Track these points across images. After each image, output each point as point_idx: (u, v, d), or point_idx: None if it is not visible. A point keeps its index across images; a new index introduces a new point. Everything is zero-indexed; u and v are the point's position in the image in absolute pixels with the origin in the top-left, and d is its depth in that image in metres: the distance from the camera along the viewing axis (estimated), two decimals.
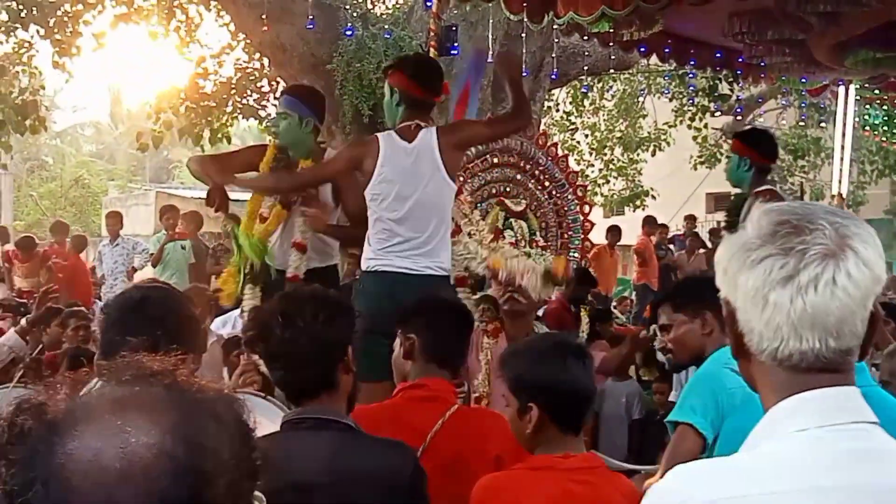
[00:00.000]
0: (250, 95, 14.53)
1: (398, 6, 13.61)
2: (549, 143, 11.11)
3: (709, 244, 15.25)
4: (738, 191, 6.44)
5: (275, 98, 14.51)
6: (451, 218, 5.24)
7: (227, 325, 6.37)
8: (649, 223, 16.32)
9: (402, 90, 5.09)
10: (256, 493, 1.84)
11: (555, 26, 10.71)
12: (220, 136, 14.89)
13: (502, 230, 10.58)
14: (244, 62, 14.84)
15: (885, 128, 15.16)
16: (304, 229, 5.48)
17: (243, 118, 15.09)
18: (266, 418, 2.72)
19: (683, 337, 3.69)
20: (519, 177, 9.18)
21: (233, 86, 14.59)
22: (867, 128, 15.30)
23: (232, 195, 5.62)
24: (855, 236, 1.47)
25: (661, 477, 3.32)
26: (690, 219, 17.85)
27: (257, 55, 14.36)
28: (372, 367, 3.56)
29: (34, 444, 1.04)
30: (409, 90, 5.09)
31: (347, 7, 12.06)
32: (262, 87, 14.41)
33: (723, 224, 6.20)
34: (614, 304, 13.51)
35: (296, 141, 5.61)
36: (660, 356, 7.71)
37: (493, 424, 3.14)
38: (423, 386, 3.37)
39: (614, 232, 14.54)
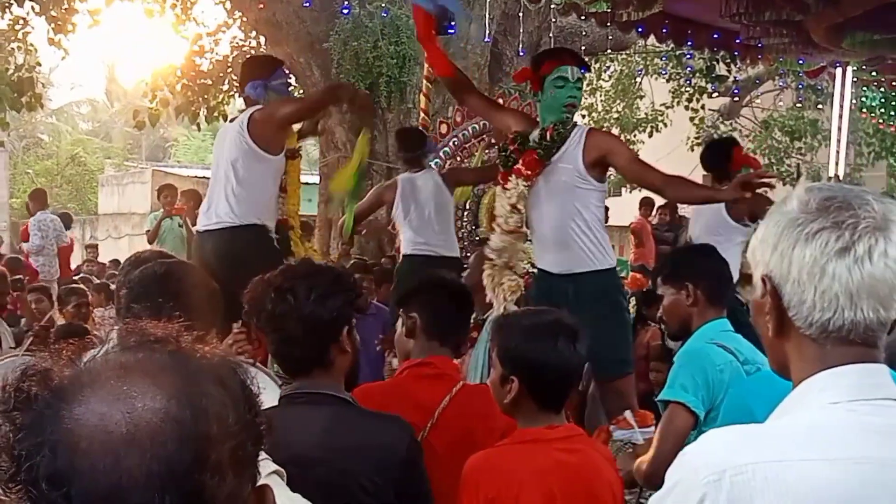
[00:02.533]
0: None
1: None
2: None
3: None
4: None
5: None
6: None
7: None
8: (646, 204, 16.30)
9: None
10: (277, 467, 1.86)
11: (552, 6, 10.70)
12: (216, 114, 14.85)
13: None
14: (240, 40, 14.82)
15: (882, 110, 15.19)
16: None
17: (239, 96, 15.03)
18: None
19: (670, 307, 3.79)
20: None
21: (229, 64, 14.56)
22: (864, 110, 15.32)
23: None
24: (895, 211, 1.54)
25: (654, 454, 3.37)
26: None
27: (253, 33, 14.34)
28: None
29: (41, 410, 1.05)
30: None
31: None
32: None
33: None
34: None
35: None
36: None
37: None
38: (429, 364, 3.38)
39: None
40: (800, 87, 19.06)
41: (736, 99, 21.19)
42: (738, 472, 1.46)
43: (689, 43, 9.04)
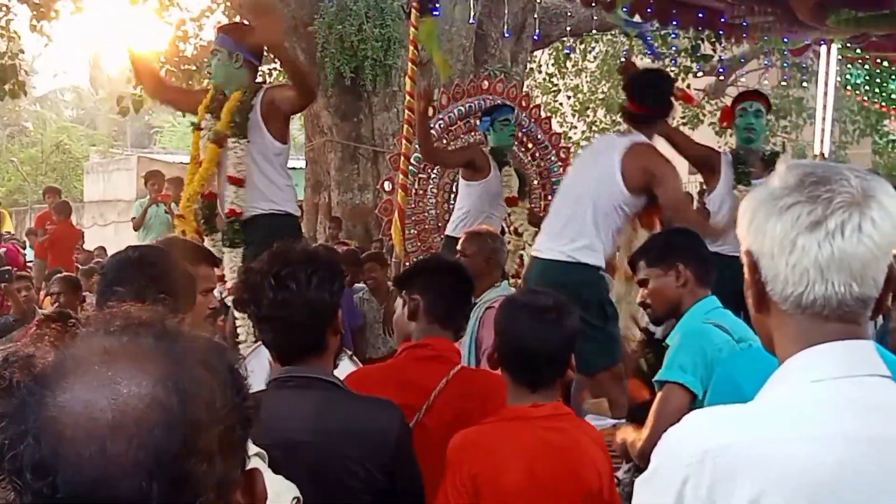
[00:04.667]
0: None
1: None
2: (531, 105, 11.13)
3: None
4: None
5: None
6: None
7: None
8: None
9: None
10: (259, 449, 1.86)
11: None
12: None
13: None
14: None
15: (867, 87, 15.19)
16: (238, 164, 5.55)
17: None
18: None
19: (659, 290, 3.76)
20: None
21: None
22: (849, 87, 15.33)
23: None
24: (877, 188, 1.53)
25: (650, 432, 3.37)
26: None
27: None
28: None
29: (23, 398, 1.03)
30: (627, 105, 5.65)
31: None
32: None
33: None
34: None
35: (227, 76, 5.64)
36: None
37: (496, 384, 3.16)
38: (427, 346, 3.37)
39: None
40: (785, 65, 19.04)
41: (721, 78, 21.17)
42: (721, 452, 1.46)
43: (674, 22, 9.01)
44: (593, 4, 8.61)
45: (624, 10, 8.59)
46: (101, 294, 2.88)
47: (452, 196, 9.51)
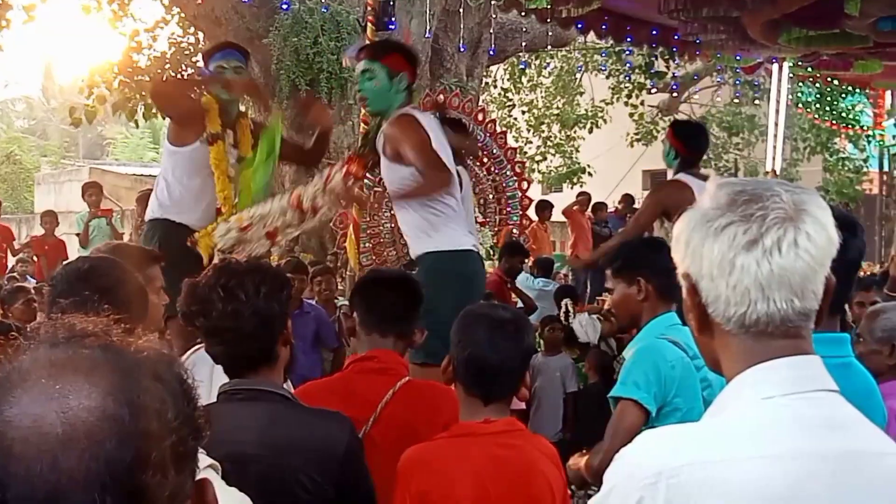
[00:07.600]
0: (185, 70, 14.36)
1: None
2: (487, 120, 11.19)
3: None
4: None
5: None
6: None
7: None
8: (583, 197, 16.44)
9: (408, 76, 4.87)
10: (213, 461, 1.84)
11: (493, 2, 10.72)
12: (154, 111, 14.67)
13: None
14: (179, 36, 14.66)
15: (818, 105, 15.40)
16: None
17: None
18: None
19: (621, 302, 3.77)
20: None
21: (167, 60, 14.41)
22: (800, 105, 15.54)
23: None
24: (808, 200, 1.53)
25: (605, 450, 3.37)
26: (627, 198, 17.82)
27: (192, 29, 14.20)
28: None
29: None
30: (411, 76, 4.90)
31: None
32: (197, 61, 14.22)
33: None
34: None
35: None
36: (579, 334, 7.92)
37: (442, 396, 3.17)
38: (373, 358, 3.36)
39: (543, 206, 14.60)
40: (737, 82, 19.29)
41: (674, 95, 21.40)
42: (674, 473, 1.46)
43: (629, 39, 9.09)
44: (549, 21, 8.67)
45: (579, 26, 8.66)
46: (49, 305, 2.85)
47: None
